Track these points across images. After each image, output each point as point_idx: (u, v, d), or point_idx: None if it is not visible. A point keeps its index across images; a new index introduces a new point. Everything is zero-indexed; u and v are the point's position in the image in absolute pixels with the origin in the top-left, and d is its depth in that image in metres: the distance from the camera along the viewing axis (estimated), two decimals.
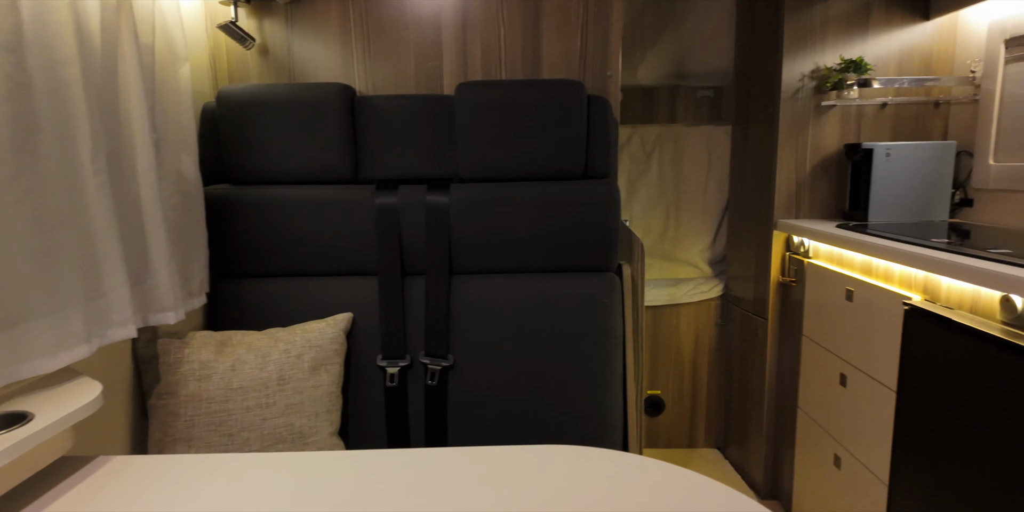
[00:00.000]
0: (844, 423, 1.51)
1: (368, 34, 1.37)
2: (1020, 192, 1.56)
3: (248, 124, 1.25)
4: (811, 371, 1.68)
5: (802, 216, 1.87)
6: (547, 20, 1.36)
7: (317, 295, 1.24)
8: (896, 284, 1.35)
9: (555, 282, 1.28)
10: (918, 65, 1.81)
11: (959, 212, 1.76)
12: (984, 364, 1.05)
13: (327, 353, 1.15)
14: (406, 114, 1.26)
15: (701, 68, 2.20)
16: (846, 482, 1.51)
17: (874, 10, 1.78)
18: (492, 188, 1.25)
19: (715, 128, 2.24)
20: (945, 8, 1.72)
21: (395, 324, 1.22)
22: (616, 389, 1.29)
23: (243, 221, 1.26)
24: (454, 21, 1.36)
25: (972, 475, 1.08)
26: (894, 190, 1.70)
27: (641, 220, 2.32)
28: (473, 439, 1.23)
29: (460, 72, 1.38)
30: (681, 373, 2.30)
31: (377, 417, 1.23)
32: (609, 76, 1.39)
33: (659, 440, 2.35)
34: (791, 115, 1.82)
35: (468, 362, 1.23)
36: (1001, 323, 1.06)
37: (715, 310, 2.27)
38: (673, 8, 2.18)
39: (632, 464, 0.77)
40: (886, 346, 1.33)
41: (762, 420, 1.96)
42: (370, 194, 1.24)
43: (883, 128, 1.83)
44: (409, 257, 1.25)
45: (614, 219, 1.28)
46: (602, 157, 1.33)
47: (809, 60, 1.81)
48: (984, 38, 1.68)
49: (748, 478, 2.08)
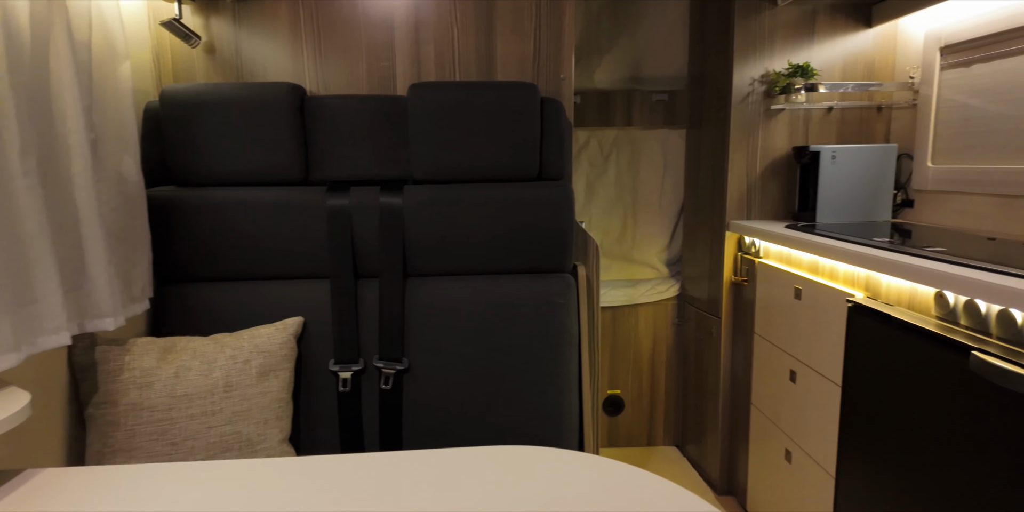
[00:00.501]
0: (794, 418, 1.55)
1: (319, 33, 1.35)
2: (956, 193, 1.64)
3: (193, 124, 1.21)
4: (763, 368, 1.73)
5: (753, 217, 1.92)
6: (500, 22, 1.37)
7: (266, 299, 1.22)
8: (841, 282, 1.39)
9: (510, 284, 1.28)
10: (861, 71, 1.88)
11: (901, 212, 1.83)
12: (920, 357, 1.09)
13: (276, 358, 1.12)
14: (358, 115, 1.24)
15: (656, 72, 2.24)
16: (796, 476, 1.55)
17: (819, 17, 1.84)
18: (446, 190, 1.24)
19: (670, 131, 2.28)
20: (885, 16, 1.79)
21: (348, 328, 1.20)
22: (572, 389, 1.30)
23: (189, 224, 1.22)
24: (407, 22, 1.35)
25: (911, 464, 1.12)
26: (840, 191, 1.75)
27: (600, 222, 2.35)
28: (429, 443, 1.22)
29: (413, 73, 1.38)
30: (640, 372, 2.33)
31: (330, 423, 1.21)
32: (562, 79, 1.40)
33: (619, 439, 2.37)
34: (742, 119, 1.87)
35: (423, 365, 1.22)
36: (936, 318, 1.10)
37: (672, 310, 2.31)
38: (628, 13, 2.21)
39: (583, 463, 0.77)
40: (832, 342, 1.37)
41: (717, 417, 2.00)
42: (321, 196, 1.22)
43: (829, 131, 1.89)
44: (362, 260, 1.24)
45: (568, 220, 1.29)
46: (556, 159, 1.34)
47: (759, 65, 1.85)
48: (921, 46, 1.76)
49: (705, 474, 2.12)
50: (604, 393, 2.34)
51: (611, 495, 0.69)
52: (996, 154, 1.51)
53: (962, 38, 1.59)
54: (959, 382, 1.01)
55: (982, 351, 0.96)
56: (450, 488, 0.71)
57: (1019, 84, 1.45)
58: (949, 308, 1.07)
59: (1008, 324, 0.95)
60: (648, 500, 0.68)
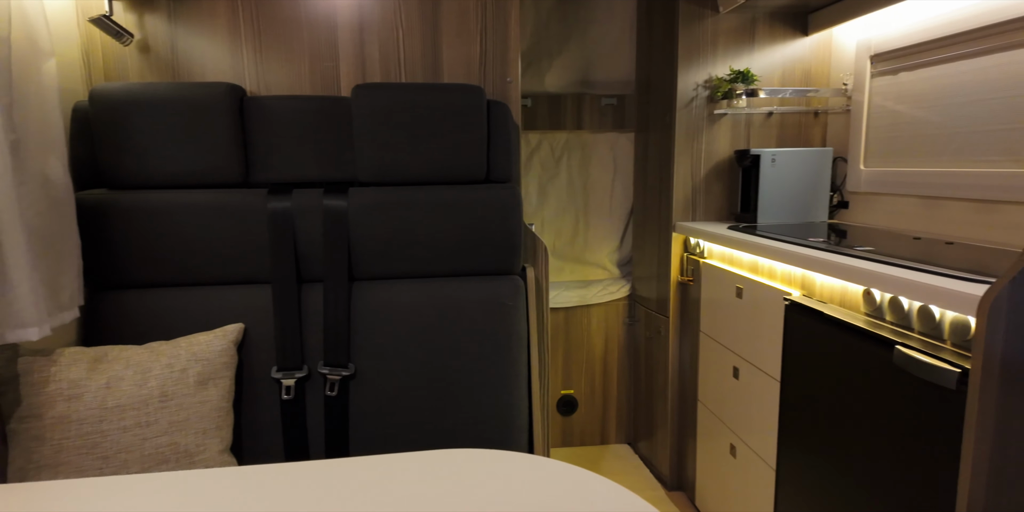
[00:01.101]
0: (738, 414, 1.60)
1: (259, 33, 1.32)
2: (886, 195, 1.72)
3: (126, 125, 1.17)
4: (708, 365, 1.77)
5: (698, 218, 1.97)
6: (446, 25, 1.37)
7: (205, 305, 1.18)
8: (779, 281, 1.44)
9: (458, 286, 1.28)
10: (799, 77, 1.95)
11: (837, 213, 1.91)
12: (850, 352, 1.14)
13: (215, 366, 1.09)
14: (300, 116, 1.22)
15: (605, 77, 2.28)
16: (740, 469, 1.59)
17: (759, 25, 1.91)
18: (392, 192, 1.23)
19: (619, 135, 2.32)
20: (820, 25, 1.87)
21: (291, 334, 1.18)
22: (522, 391, 1.30)
23: (122, 228, 1.18)
24: (350, 22, 1.34)
25: (842, 454, 1.17)
26: (780, 193, 1.82)
27: (552, 224, 2.37)
28: (376, 449, 1.20)
29: (358, 74, 1.36)
30: (593, 372, 2.36)
31: (273, 431, 1.18)
32: (509, 82, 1.41)
33: (573, 438, 2.39)
34: (686, 123, 1.92)
35: (370, 370, 1.20)
36: (864, 315, 1.16)
37: (623, 310, 2.35)
38: (577, 18, 2.24)
39: (525, 464, 0.78)
40: (771, 339, 1.42)
41: (667, 415, 2.04)
42: (262, 198, 1.20)
43: (769, 135, 1.96)
44: (305, 264, 1.21)
45: (516, 222, 1.29)
46: (503, 161, 1.35)
47: (702, 71, 1.91)
48: (853, 54, 1.84)
49: (656, 471, 2.16)
50: (558, 393, 2.36)
51: (552, 495, 0.70)
52: (921, 158, 1.60)
53: (889, 47, 1.68)
54: (885, 375, 1.06)
55: (905, 345, 1.01)
56: (394, 493, 0.70)
57: (940, 92, 1.53)
58: (876, 305, 1.12)
59: (928, 319, 1.00)
60: (588, 499, 0.69)
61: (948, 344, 0.97)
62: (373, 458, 0.81)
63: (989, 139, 1.40)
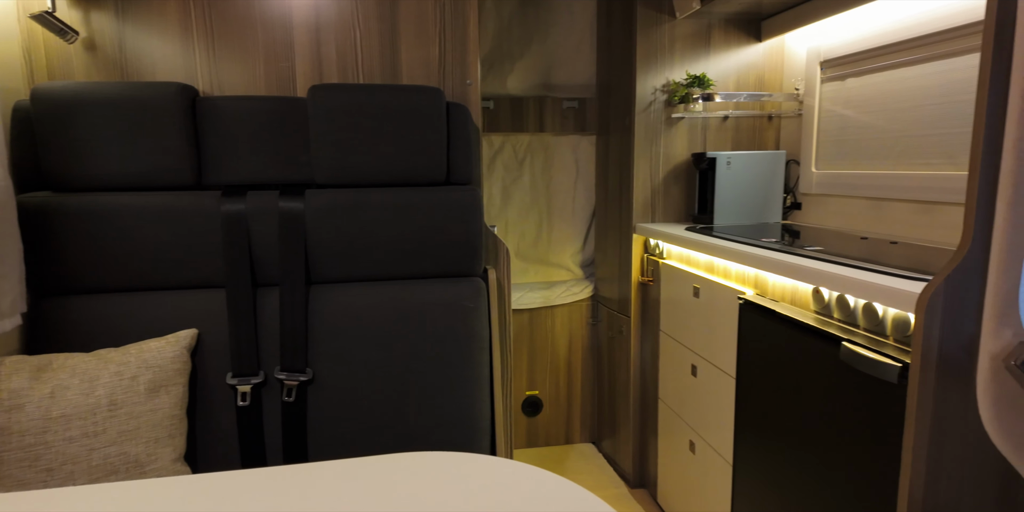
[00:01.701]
0: (696, 411, 1.63)
1: (212, 32, 1.29)
2: (836, 196, 1.78)
3: (71, 125, 1.13)
4: (668, 364, 1.80)
5: (658, 220, 2.01)
6: (404, 26, 1.36)
7: (156, 311, 1.15)
8: (734, 280, 1.48)
9: (419, 288, 1.28)
10: (753, 82, 2.00)
11: (790, 214, 1.96)
12: (801, 349, 1.18)
13: (167, 373, 1.06)
14: (255, 116, 1.20)
15: (566, 80, 2.30)
16: (699, 465, 1.63)
17: (714, 31, 1.95)
18: (350, 194, 1.22)
19: (581, 138, 2.34)
20: (773, 32, 1.93)
21: (246, 339, 1.15)
22: (484, 393, 1.30)
23: (67, 232, 1.14)
24: (306, 22, 1.32)
25: (794, 448, 1.21)
26: (735, 195, 1.86)
27: (516, 225, 2.38)
28: (336, 454, 1.19)
29: (314, 75, 1.34)
30: (557, 373, 2.38)
31: (229, 439, 1.15)
32: (469, 84, 1.41)
33: (538, 439, 2.41)
34: (645, 126, 1.95)
35: (328, 375, 1.19)
36: (814, 312, 1.20)
37: (587, 310, 2.37)
38: (538, 21, 2.26)
39: (483, 465, 0.78)
40: (726, 337, 1.45)
41: (629, 413, 2.07)
42: (215, 201, 1.17)
43: (725, 139, 2.00)
44: (261, 267, 1.19)
45: (477, 224, 1.30)
46: (464, 163, 1.35)
47: (660, 75, 1.94)
48: (804, 60, 1.90)
49: (619, 469, 2.19)
50: (523, 394, 2.37)
51: (510, 496, 0.70)
52: (867, 161, 1.66)
53: (837, 54, 1.74)
54: (832, 371, 1.10)
55: (851, 341, 1.05)
56: (352, 498, 0.70)
57: (884, 97, 1.59)
58: (824, 303, 1.16)
59: (872, 316, 1.04)
60: (546, 500, 0.70)
61: (891, 340, 1.01)
62: (331, 463, 0.80)
63: (929, 143, 1.46)
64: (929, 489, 0.91)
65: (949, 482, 0.91)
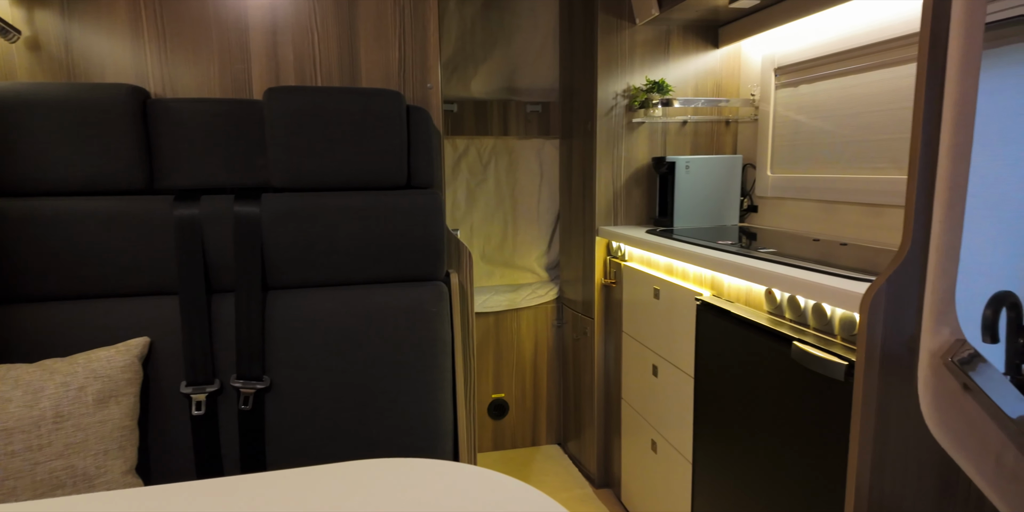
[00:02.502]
0: (657, 410, 1.66)
1: (163, 32, 1.26)
2: (790, 199, 1.83)
3: (13, 127, 1.09)
4: (630, 364, 1.83)
5: (620, 223, 2.03)
6: (363, 29, 1.35)
7: (106, 319, 1.12)
8: (692, 282, 1.51)
9: (380, 293, 1.27)
10: (711, 88, 2.05)
11: (747, 217, 2.01)
12: (755, 348, 1.21)
13: (117, 383, 1.03)
14: (209, 119, 1.18)
15: (530, 84, 2.32)
16: (661, 464, 1.65)
17: (673, 37, 1.99)
18: (308, 198, 1.21)
19: (545, 141, 2.36)
20: (730, 39, 1.97)
21: (200, 346, 1.13)
22: (446, 397, 1.30)
23: (10, 238, 1.10)
24: (262, 24, 1.30)
25: (749, 445, 1.24)
26: (694, 198, 1.90)
27: (481, 228, 2.38)
28: (295, 462, 1.17)
29: (271, 77, 1.32)
30: (523, 375, 2.39)
31: (183, 449, 1.13)
32: (429, 88, 1.41)
33: (505, 442, 2.41)
34: (607, 131, 1.98)
35: (286, 382, 1.17)
36: (767, 313, 1.23)
37: (552, 313, 2.39)
38: (501, 26, 2.27)
39: (441, 471, 0.78)
40: (685, 337, 1.48)
41: (593, 414, 2.09)
42: (168, 205, 1.15)
43: (684, 143, 2.04)
44: (216, 273, 1.17)
45: (438, 228, 1.30)
46: (425, 167, 1.34)
47: (621, 80, 1.97)
48: (760, 66, 1.95)
49: (584, 470, 2.21)
50: (489, 397, 2.38)
51: (467, 501, 0.70)
52: (819, 165, 1.71)
53: (791, 61, 1.79)
54: (785, 369, 1.13)
55: (801, 341, 1.09)
56: (310, 507, 0.69)
57: (835, 103, 1.65)
58: (776, 303, 1.19)
59: (821, 316, 1.07)
60: (504, 504, 0.70)
61: (839, 339, 1.05)
62: (289, 472, 0.79)
63: (877, 148, 1.52)
64: (875, 480, 0.94)
65: (893, 473, 0.95)
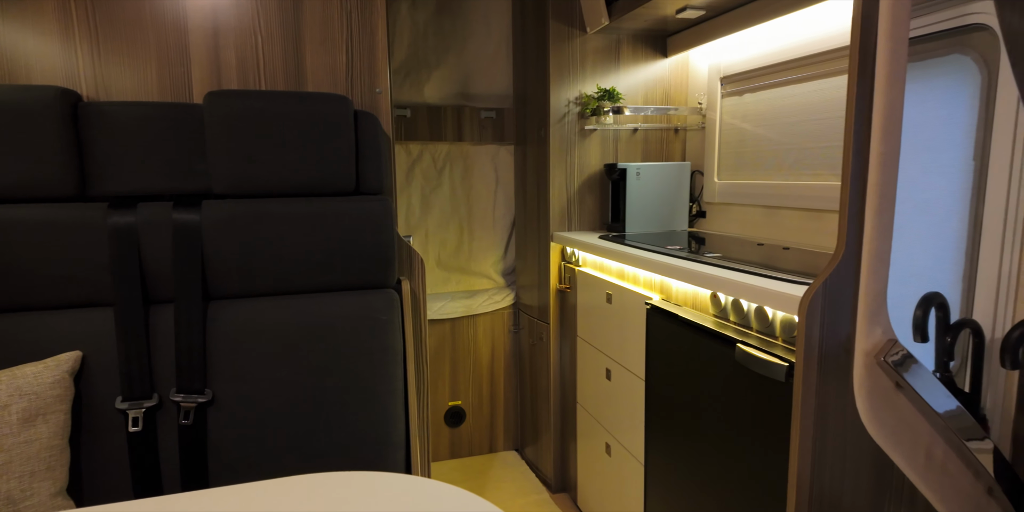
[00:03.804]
0: (611, 413, 1.67)
1: (96, 32, 1.21)
2: (736, 205, 1.88)
3: None
4: (585, 368, 1.84)
5: (574, 228, 2.05)
6: (309, 33, 1.33)
7: (34, 333, 1.06)
8: (642, 286, 1.53)
9: (329, 301, 1.24)
10: (660, 96, 2.09)
11: (696, 222, 2.06)
12: (701, 351, 1.23)
13: (45, 400, 0.98)
14: (146, 123, 1.14)
15: (484, 90, 2.32)
16: (614, 467, 1.67)
17: (623, 46, 2.03)
18: (252, 204, 1.18)
19: (500, 147, 2.37)
20: (677, 48, 2.02)
21: (137, 360, 1.08)
22: (398, 407, 1.28)
23: None
24: (203, 26, 1.26)
25: (698, 446, 1.26)
26: (645, 204, 1.94)
27: (436, 234, 2.37)
28: (239, 478, 1.13)
29: (213, 81, 1.29)
30: (480, 382, 2.38)
31: (119, 468, 1.08)
32: (378, 93, 1.40)
33: (462, 449, 2.39)
34: (560, 137, 1.99)
35: (230, 395, 1.14)
36: (713, 316, 1.26)
37: (508, 318, 2.39)
38: (454, 31, 2.27)
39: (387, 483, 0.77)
40: (636, 341, 1.50)
41: (550, 419, 2.09)
42: (102, 213, 1.10)
43: (635, 150, 2.08)
44: (154, 283, 1.13)
45: (389, 235, 1.28)
46: (374, 173, 1.33)
47: (573, 88, 1.99)
48: (706, 76, 2.00)
49: (541, 475, 2.21)
50: (445, 405, 2.35)
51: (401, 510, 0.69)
52: (763, 171, 1.77)
53: (735, 71, 1.84)
54: (730, 371, 1.15)
55: (745, 343, 1.11)
56: None
57: (776, 112, 1.70)
58: (721, 306, 1.22)
59: (763, 319, 1.11)
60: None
61: (780, 341, 1.08)
62: (232, 488, 0.76)
63: (816, 155, 1.58)
64: (815, 476, 0.97)
65: (832, 469, 0.98)
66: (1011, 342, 0.98)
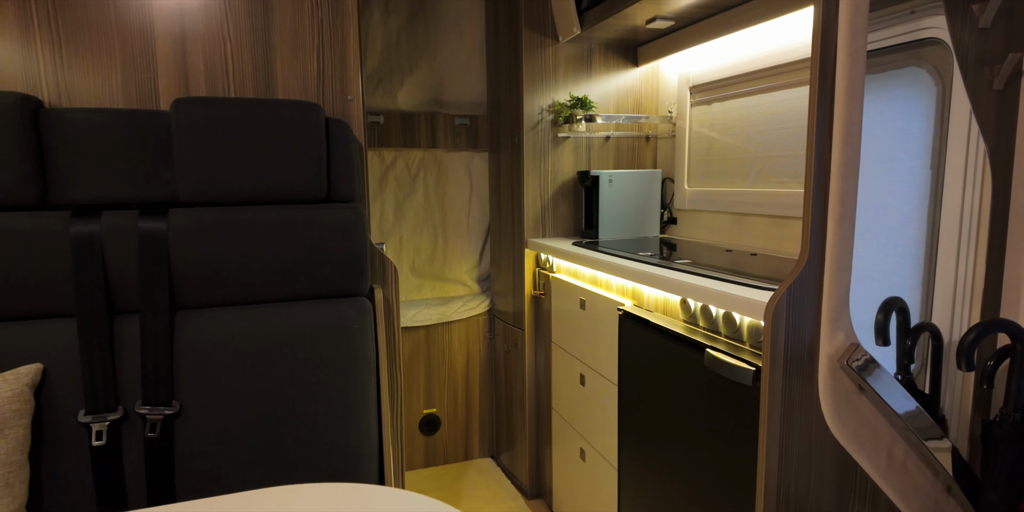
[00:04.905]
0: (585, 419, 1.68)
1: (59, 37, 1.19)
2: (705, 211, 1.91)
3: None
4: (560, 374, 1.85)
5: (548, 235, 2.07)
6: (278, 40, 1.32)
7: None
8: (615, 292, 1.55)
9: (300, 310, 1.23)
10: (632, 104, 2.12)
11: (667, 228, 2.09)
12: (672, 356, 1.25)
13: (3, 415, 0.95)
14: (110, 131, 1.11)
15: (457, 97, 2.33)
16: (589, 472, 1.68)
17: (595, 55, 2.05)
18: (220, 213, 1.16)
19: (474, 154, 2.37)
20: (648, 57, 2.06)
21: (101, 372, 1.06)
22: (370, 416, 1.27)
23: None
24: (170, 31, 1.25)
25: (670, 449, 1.28)
26: (618, 211, 1.96)
27: (410, 241, 2.36)
28: (208, 491, 1.11)
29: (180, 88, 1.27)
30: (455, 389, 2.37)
31: (82, 483, 1.05)
32: (350, 100, 1.40)
33: (437, 457, 2.38)
34: (533, 145, 2.01)
35: (197, 407, 1.12)
36: (683, 321, 1.28)
37: (484, 325, 2.39)
38: (427, 39, 2.27)
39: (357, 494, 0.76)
40: (609, 347, 1.52)
41: (525, 425, 2.09)
42: (64, 221, 1.07)
43: (607, 158, 2.11)
44: (119, 293, 1.10)
45: (361, 242, 1.27)
46: (346, 181, 1.32)
47: (546, 96, 2.01)
48: (676, 85, 2.04)
49: (516, 481, 2.21)
50: (420, 413, 2.34)
51: None
52: (730, 178, 1.80)
53: (704, 80, 1.88)
54: (699, 375, 1.17)
55: (713, 348, 1.13)
56: None
57: (743, 121, 1.74)
58: (691, 312, 1.24)
59: (731, 324, 1.13)
60: None
61: (747, 345, 1.10)
62: (199, 502, 0.75)
63: (781, 163, 1.62)
64: (782, 477, 0.99)
65: (798, 470, 1.00)
66: (966, 345, 1.01)
